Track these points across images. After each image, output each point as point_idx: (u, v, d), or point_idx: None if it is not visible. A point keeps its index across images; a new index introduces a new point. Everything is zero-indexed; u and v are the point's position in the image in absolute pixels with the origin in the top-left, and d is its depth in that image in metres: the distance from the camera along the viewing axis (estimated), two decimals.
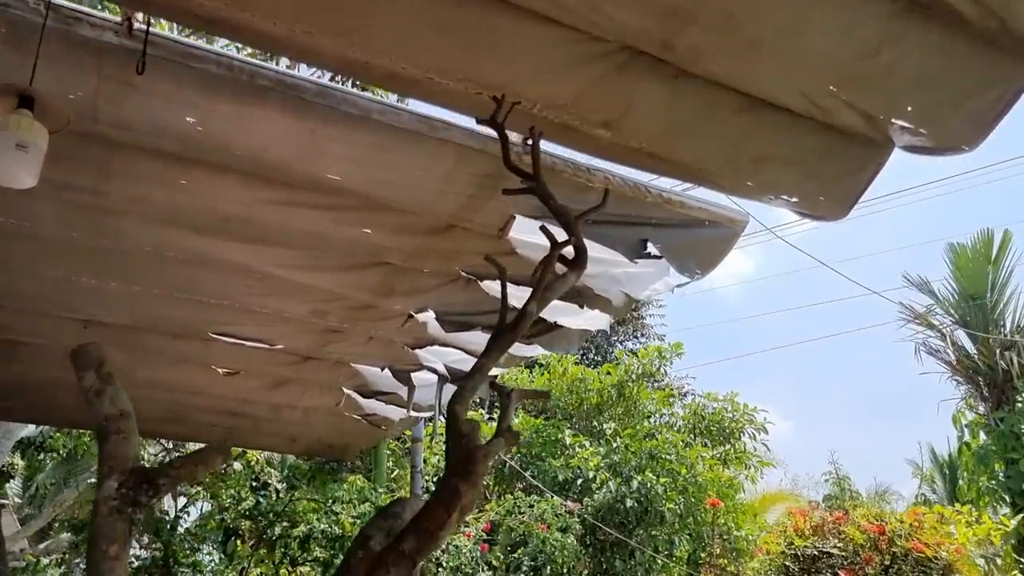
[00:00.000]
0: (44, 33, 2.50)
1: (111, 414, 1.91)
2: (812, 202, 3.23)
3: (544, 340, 4.61)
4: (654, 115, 2.78)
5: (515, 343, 4.63)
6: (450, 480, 1.97)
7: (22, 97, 2.32)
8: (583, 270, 2.85)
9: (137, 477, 1.82)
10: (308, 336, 5.04)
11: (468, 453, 1.98)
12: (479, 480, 1.94)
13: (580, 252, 2.83)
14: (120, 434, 1.87)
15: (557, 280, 2.78)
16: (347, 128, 2.98)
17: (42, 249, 3.91)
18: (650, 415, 10.51)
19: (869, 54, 2.45)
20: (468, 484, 1.92)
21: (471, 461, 1.93)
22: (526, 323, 2.64)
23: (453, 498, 1.92)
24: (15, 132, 2.23)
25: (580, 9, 2.30)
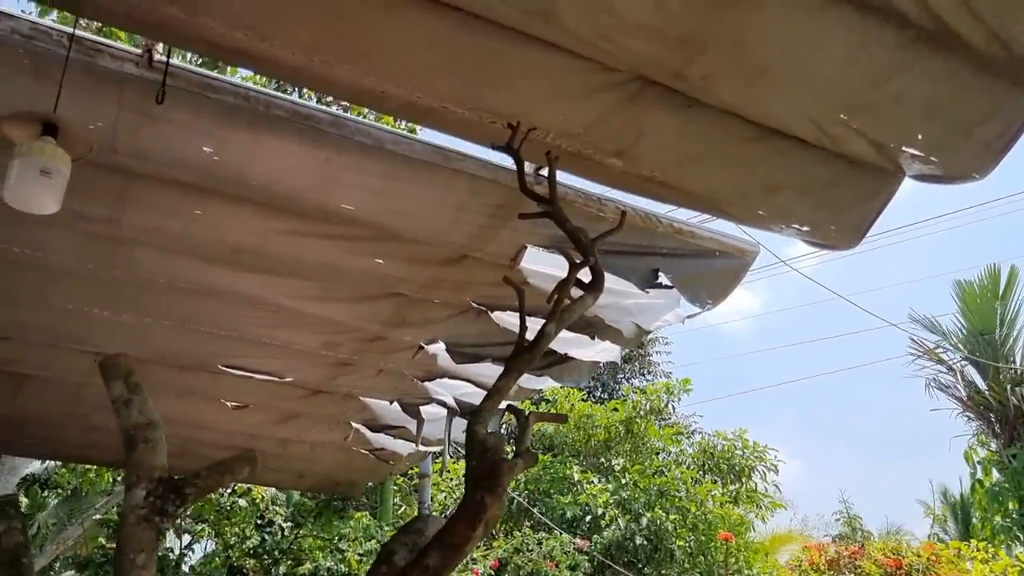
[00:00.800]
0: (69, 65, 2.55)
1: (139, 423, 1.91)
2: (823, 231, 3.24)
3: (555, 372, 4.60)
4: (666, 144, 2.81)
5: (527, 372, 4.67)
6: (475, 493, 1.95)
7: (46, 125, 2.35)
8: (600, 293, 2.86)
9: (165, 486, 1.81)
10: (318, 369, 5.03)
11: (493, 465, 1.97)
12: (504, 493, 1.92)
13: (597, 275, 2.85)
14: (148, 443, 1.87)
15: (575, 303, 2.79)
16: (361, 158, 3.02)
17: (54, 280, 3.93)
18: (658, 452, 10.42)
19: (878, 82, 2.48)
20: (493, 497, 1.90)
21: (496, 473, 1.91)
22: (544, 344, 2.65)
23: (479, 511, 1.90)
24: (39, 158, 2.26)
25: (593, 38, 2.33)
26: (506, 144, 2.57)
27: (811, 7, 2.24)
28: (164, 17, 2.24)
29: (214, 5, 2.23)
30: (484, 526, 1.91)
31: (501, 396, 2.60)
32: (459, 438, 6.28)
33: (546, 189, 2.83)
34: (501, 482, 1.90)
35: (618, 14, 2.22)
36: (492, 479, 1.91)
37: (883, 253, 38.31)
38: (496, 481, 1.90)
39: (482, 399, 2.61)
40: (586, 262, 2.76)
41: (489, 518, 1.91)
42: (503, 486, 1.91)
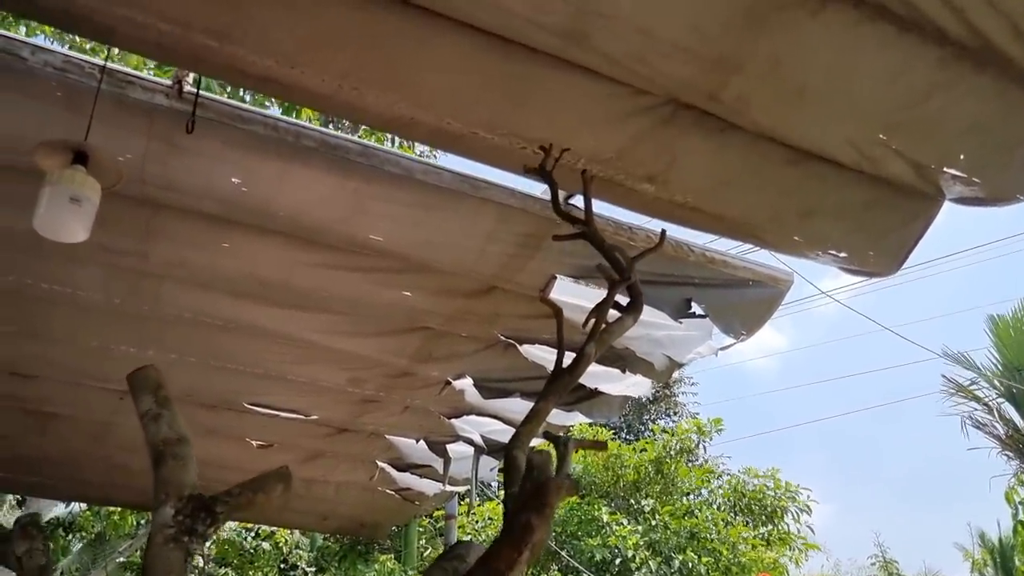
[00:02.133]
0: (101, 96, 2.56)
1: (169, 438, 1.84)
2: (861, 257, 3.16)
3: (584, 407, 4.50)
4: (699, 169, 2.75)
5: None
6: (521, 515, 1.86)
7: (77, 153, 2.34)
8: (639, 314, 2.78)
9: (194, 504, 1.74)
10: (344, 406, 4.97)
11: (540, 485, 1.88)
12: (552, 515, 1.83)
13: (636, 296, 2.78)
14: (177, 459, 1.81)
15: (615, 324, 2.72)
16: (390, 188, 2.99)
17: (80, 316, 3.92)
18: (689, 492, 10.19)
19: (919, 100, 2.42)
20: (540, 518, 1.81)
21: (544, 493, 1.82)
22: (584, 366, 2.57)
23: (525, 534, 1.81)
24: (69, 186, 2.25)
25: (627, 62, 2.30)
26: (539, 167, 2.52)
27: (848, 24, 2.19)
28: (194, 46, 2.23)
29: (245, 33, 2.22)
30: (531, 550, 1.82)
31: (540, 420, 2.52)
32: (486, 477, 6.18)
33: (580, 213, 2.77)
34: (549, 502, 1.81)
35: (654, 36, 2.18)
36: (538, 499, 1.82)
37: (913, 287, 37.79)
38: (543, 501, 1.81)
39: (520, 423, 2.52)
40: (624, 281, 2.69)
41: (536, 541, 1.81)
42: (551, 506, 1.82)
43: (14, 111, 2.58)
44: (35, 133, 2.52)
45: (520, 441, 2.40)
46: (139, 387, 1.93)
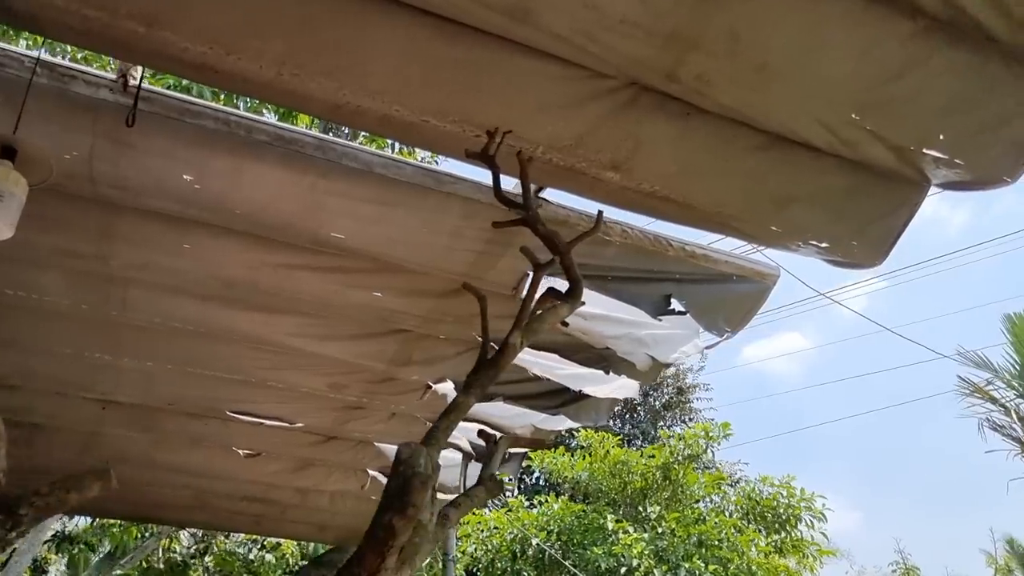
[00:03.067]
0: (41, 91, 2.47)
1: None
2: (844, 247, 3.02)
3: (570, 411, 4.37)
4: (665, 155, 2.63)
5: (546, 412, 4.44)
6: (382, 516, 1.73)
7: (4, 148, 2.25)
8: (578, 303, 2.66)
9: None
10: (328, 413, 4.86)
11: (404, 481, 1.75)
12: (416, 513, 1.70)
13: (574, 282, 2.66)
14: None
15: (546, 312, 2.59)
16: (349, 183, 2.89)
17: (50, 323, 3.84)
18: (699, 500, 9.99)
19: (891, 77, 2.28)
20: (403, 519, 1.68)
21: (406, 490, 1.70)
22: (509, 355, 2.45)
23: (388, 537, 1.68)
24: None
25: (575, 38, 2.18)
26: (481, 151, 2.40)
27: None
28: (123, 32, 2.14)
29: (175, 18, 2.13)
30: (396, 554, 1.69)
31: (458, 414, 2.39)
32: None
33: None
34: (412, 500, 1.68)
35: (600, 9, 2.06)
36: (402, 498, 1.69)
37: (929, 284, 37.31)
38: (407, 500, 1.68)
39: (437, 418, 2.40)
40: (551, 263, 2.57)
41: (400, 544, 1.69)
42: (415, 505, 1.69)
43: None
44: None
45: (435, 437, 2.27)
46: None
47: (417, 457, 1.84)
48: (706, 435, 10.17)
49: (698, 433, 10.21)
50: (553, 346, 3.84)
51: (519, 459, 5.37)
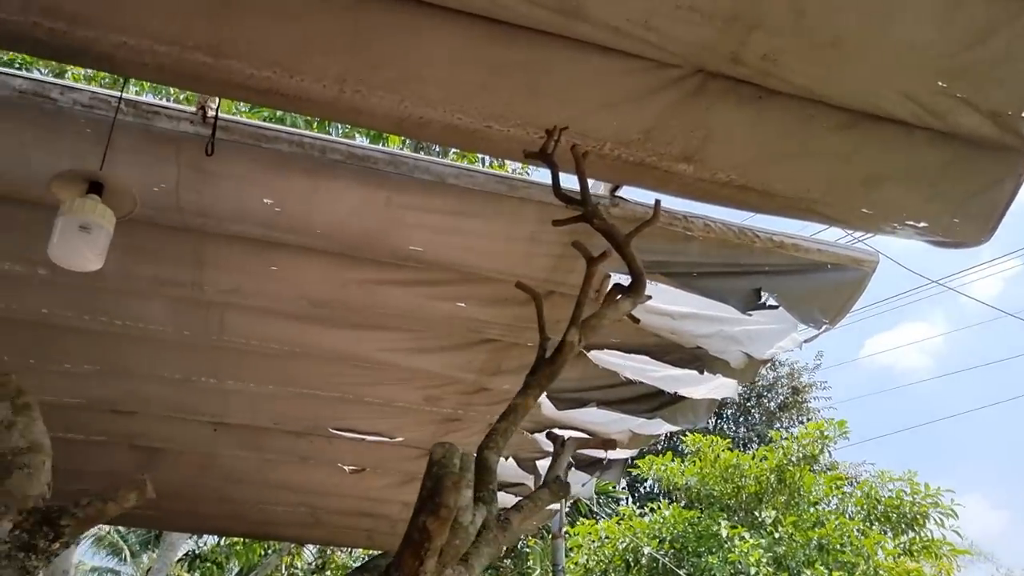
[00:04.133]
0: (127, 128, 2.61)
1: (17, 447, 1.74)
2: (944, 226, 2.83)
3: (666, 413, 4.26)
4: (738, 141, 2.53)
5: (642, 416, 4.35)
6: (416, 518, 1.71)
7: (92, 183, 2.38)
8: (640, 297, 2.56)
9: (36, 518, 1.66)
10: (426, 427, 4.91)
11: (436, 482, 1.71)
12: (449, 514, 1.66)
13: (636, 276, 2.57)
14: (24, 469, 1.72)
15: (607, 307, 2.50)
16: (423, 195, 2.91)
17: (159, 351, 4.02)
18: (817, 502, 9.57)
19: (977, 40, 2.12)
20: (436, 520, 1.64)
21: (438, 491, 1.66)
22: (567, 353, 2.38)
23: (423, 540, 1.65)
24: (79, 214, 2.28)
25: (634, 30, 2.12)
26: (540, 150, 2.35)
27: None
28: (192, 64, 2.22)
29: (238, 46, 2.19)
30: (434, 557, 1.66)
31: (518, 417, 2.33)
32: (580, 493, 5.99)
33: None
34: (444, 501, 1.64)
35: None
36: (434, 499, 1.65)
37: None
38: (439, 501, 1.64)
39: (497, 419, 2.35)
40: (604, 256, 2.48)
41: (437, 547, 1.65)
42: (448, 506, 1.64)
43: (48, 150, 2.66)
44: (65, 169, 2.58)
45: (493, 441, 2.23)
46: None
47: (451, 457, 1.81)
48: (821, 435, 9.75)
49: (812, 433, 9.81)
50: (643, 348, 3.76)
51: (620, 465, 5.28)
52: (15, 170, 2.72)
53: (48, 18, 2.10)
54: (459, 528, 1.88)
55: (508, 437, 2.27)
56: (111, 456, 5.47)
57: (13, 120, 2.59)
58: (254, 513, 6.99)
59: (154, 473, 5.78)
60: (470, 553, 1.98)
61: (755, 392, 21.66)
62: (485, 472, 2.16)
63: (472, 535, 1.94)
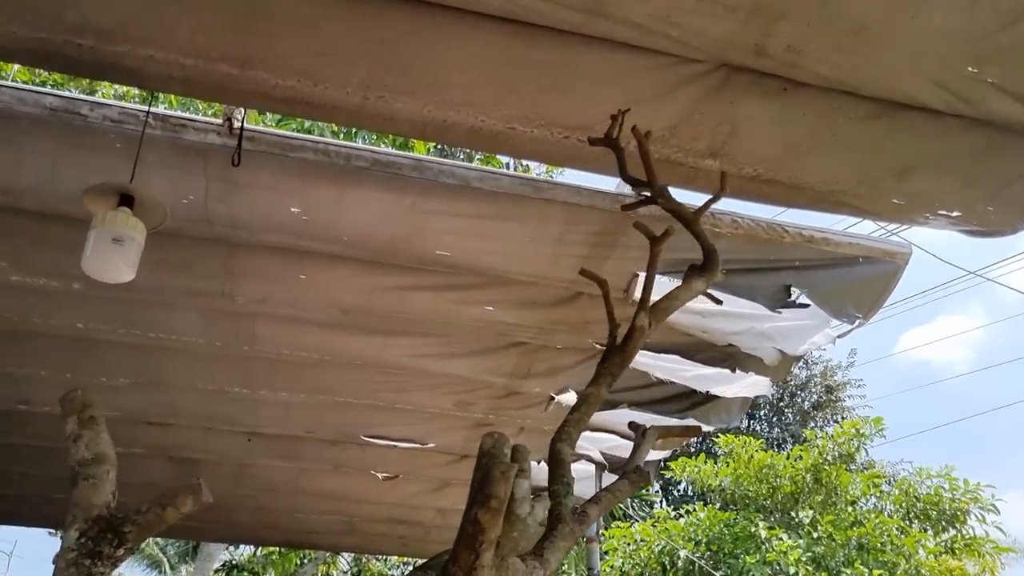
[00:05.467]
0: (156, 142, 2.64)
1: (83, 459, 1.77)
2: (979, 215, 2.78)
3: (699, 413, 4.22)
4: (765, 135, 2.50)
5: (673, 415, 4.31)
6: (469, 511, 1.69)
7: (123, 196, 2.41)
8: (714, 275, 2.48)
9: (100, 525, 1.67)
10: (457, 432, 4.92)
11: (485, 472, 1.70)
12: (500, 504, 1.63)
13: (709, 253, 2.47)
14: (89, 480, 1.74)
15: (678, 289, 2.44)
16: (448, 200, 2.92)
17: (192, 362, 4.07)
18: (854, 501, 9.44)
19: (1009, 22, 2.08)
20: (489, 513, 1.62)
21: (486, 482, 1.64)
22: (637, 339, 2.31)
23: (477, 533, 1.64)
24: (111, 227, 2.32)
25: (656, 26, 2.11)
26: (605, 136, 2.31)
27: None
28: (219, 76, 2.25)
29: (262, 56, 2.22)
30: (490, 549, 1.64)
31: (590, 407, 2.30)
32: None
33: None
34: (494, 492, 1.62)
35: None
36: (484, 491, 1.63)
37: None
38: (488, 492, 1.62)
39: (569, 410, 2.32)
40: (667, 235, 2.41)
41: (491, 539, 1.64)
42: (498, 497, 1.62)
43: (80, 166, 2.70)
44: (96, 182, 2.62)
45: (566, 432, 2.20)
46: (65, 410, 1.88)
47: (500, 447, 1.79)
48: (857, 433, 9.62)
49: (848, 431, 9.68)
50: (673, 347, 3.73)
51: (655, 466, 5.25)
52: (48, 186, 2.77)
53: (77, 35, 2.14)
54: (516, 520, 1.86)
55: (581, 428, 2.24)
56: (149, 468, 5.53)
57: (45, 137, 2.64)
58: (289, 522, 7.05)
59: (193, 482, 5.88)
60: (545, 547, 1.97)
61: (788, 391, 21.42)
62: (558, 465, 2.14)
63: (532, 527, 1.92)
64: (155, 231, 2.51)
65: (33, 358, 4.06)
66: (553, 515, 2.12)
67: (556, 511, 2.13)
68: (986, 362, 54.12)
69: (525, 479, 1.87)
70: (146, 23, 2.15)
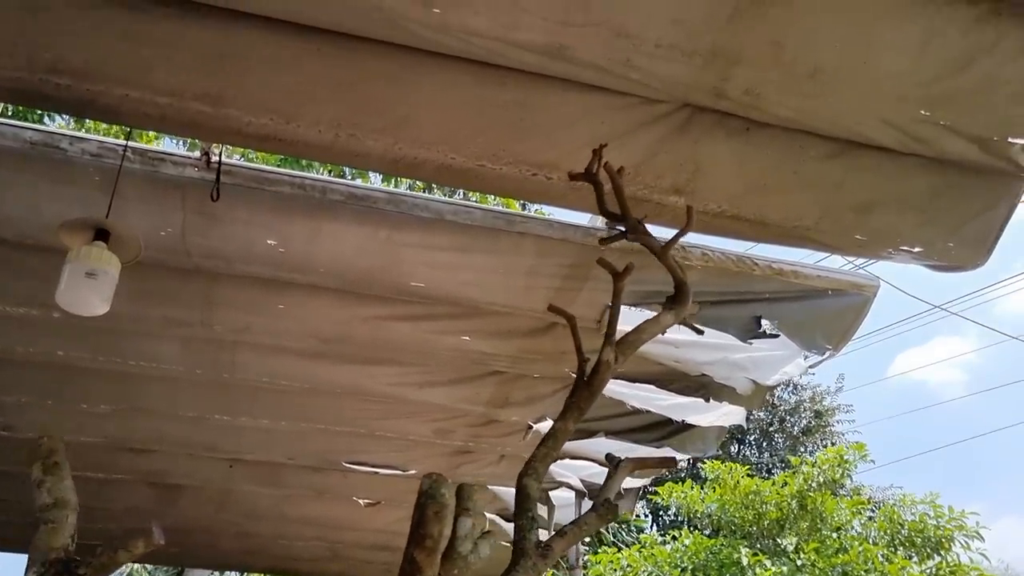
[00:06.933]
0: (134, 176, 2.69)
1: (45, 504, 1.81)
2: (940, 250, 2.84)
3: (675, 442, 4.26)
4: (729, 174, 2.57)
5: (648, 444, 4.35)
6: (407, 551, 1.73)
7: (98, 231, 2.46)
8: (685, 308, 2.50)
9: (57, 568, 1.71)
10: (438, 459, 4.94)
11: (421, 513, 1.74)
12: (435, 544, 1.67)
13: (679, 285, 2.48)
14: (48, 524, 1.78)
15: (647, 322, 2.46)
16: (422, 232, 2.97)
17: (174, 389, 4.10)
18: (839, 527, 9.44)
19: (958, 68, 2.15)
20: (424, 552, 1.67)
21: (422, 522, 1.68)
22: (604, 374, 2.33)
23: (413, 571, 1.68)
24: (85, 262, 2.36)
25: (615, 68, 2.18)
26: (585, 171, 2.36)
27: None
28: (192, 113, 2.30)
29: (235, 95, 2.27)
30: None
31: (557, 442, 2.31)
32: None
33: None
34: (428, 532, 1.66)
35: (632, 36, 2.06)
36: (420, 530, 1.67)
37: None
38: (422, 532, 1.66)
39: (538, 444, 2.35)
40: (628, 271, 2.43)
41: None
42: (432, 536, 1.66)
43: (59, 198, 2.74)
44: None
45: (532, 467, 2.24)
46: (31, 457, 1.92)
47: (437, 487, 1.84)
48: (841, 459, 9.64)
49: (832, 458, 9.70)
50: (647, 377, 3.78)
51: (633, 495, 5.27)
52: (28, 218, 2.81)
53: (54, 74, 2.19)
54: (457, 558, 1.90)
55: (548, 463, 2.26)
56: (131, 494, 5.54)
57: (25, 170, 2.69)
58: (273, 548, 7.04)
59: (173, 510, 5.87)
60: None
61: (778, 417, 21.45)
62: (524, 499, 2.16)
63: (473, 564, 1.96)
64: (132, 263, 2.55)
65: (15, 385, 4.09)
66: (517, 549, 2.15)
67: (520, 545, 2.16)
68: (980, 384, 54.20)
69: (468, 517, 1.91)
70: (121, 63, 2.20)
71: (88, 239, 2.39)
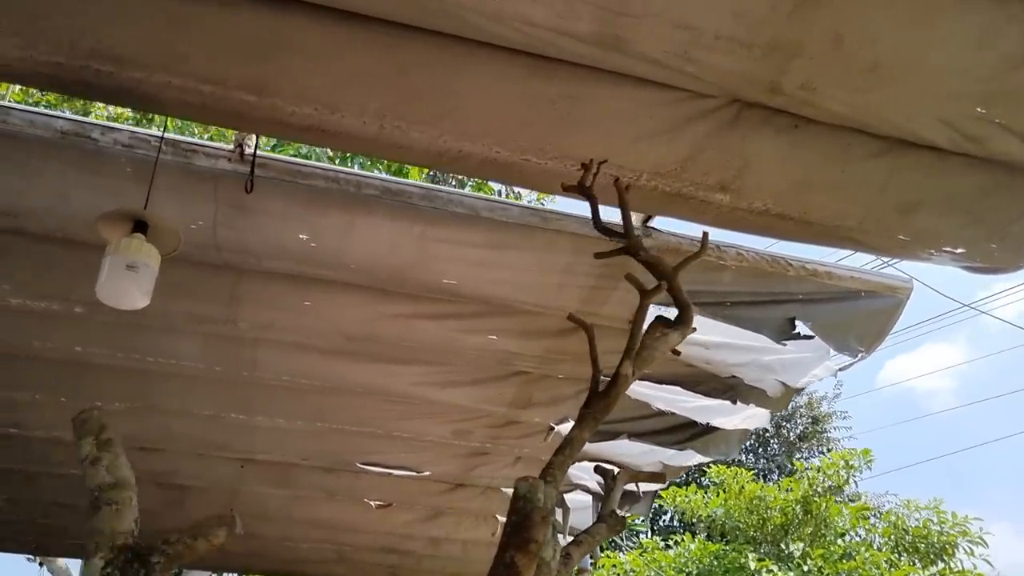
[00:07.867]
0: (167, 167, 2.64)
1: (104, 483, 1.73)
2: (983, 252, 2.81)
3: (698, 444, 4.22)
4: (776, 171, 2.53)
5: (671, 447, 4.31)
6: (503, 554, 1.69)
7: (137, 222, 2.40)
8: (688, 329, 2.55)
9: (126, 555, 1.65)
10: (454, 460, 4.89)
11: (524, 517, 1.70)
12: (538, 549, 1.63)
13: (683, 308, 2.55)
14: (112, 505, 1.72)
15: (657, 340, 2.49)
16: (456, 229, 2.93)
17: (189, 387, 4.04)
18: (844, 533, 9.42)
19: (1017, 64, 2.12)
20: (526, 556, 1.63)
21: (527, 527, 1.64)
22: (621, 386, 2.36)
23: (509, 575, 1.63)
24: (125, 254, 2.30)
25: (671, 61, 2.14)
26: (578, 184, 2.35)
27: None
28: (236, 103, 2.25)
29: (280, 84, 2.23)
30: None
31: (573, 450, 2.30)
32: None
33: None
34: (533, 536, 1.62)
35: (693, 29, 2.02)
36: (522, 534, 1.63)
37: None
38: (527, 536, 1.62)
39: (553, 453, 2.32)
40: (659, 289, 2.47)
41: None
42: (536, 541, 1.62)
43: (91, 189, 2.69)
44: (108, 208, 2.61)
45: (551, 474, 2.20)
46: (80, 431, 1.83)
47: (535, 492, 1.80)
48: (846, 464, 9.62)
49: (837, 463, 9.68)
50: (675, 378, 3.74)
51: (650, 498, 5.22)
52: (57, 209, 2.76)
53: (96, 60, 2.14)
54: (543, 564, 1.87)
55: (565, 470, 2.24)
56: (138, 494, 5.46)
57: (56, 160, 2.63)
58: (278, 550, 6.94)
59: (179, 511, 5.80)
60: None
61: (774, 422, 21.44)
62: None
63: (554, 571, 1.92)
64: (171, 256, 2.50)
65: (28, 381, 4.02)
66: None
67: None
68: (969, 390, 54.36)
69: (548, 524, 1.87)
70: (164, 50, 2.15)
71: (127, 231, 2.34)
